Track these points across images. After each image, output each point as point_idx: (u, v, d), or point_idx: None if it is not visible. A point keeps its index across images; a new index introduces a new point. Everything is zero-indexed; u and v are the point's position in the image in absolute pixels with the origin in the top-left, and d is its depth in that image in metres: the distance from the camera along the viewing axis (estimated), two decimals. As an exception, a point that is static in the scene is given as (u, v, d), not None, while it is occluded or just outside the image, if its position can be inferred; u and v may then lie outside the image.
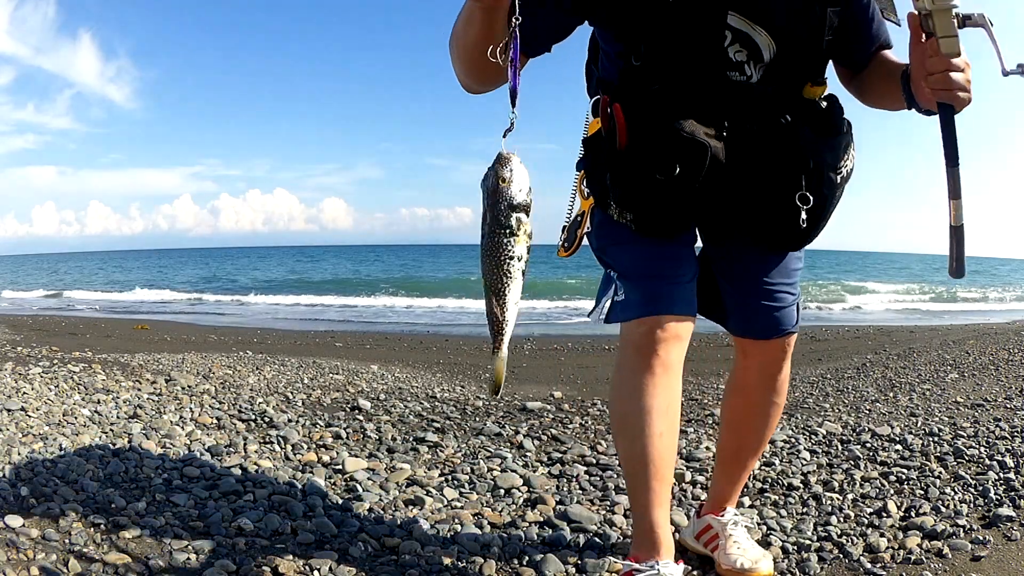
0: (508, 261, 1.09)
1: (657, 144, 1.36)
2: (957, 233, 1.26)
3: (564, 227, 1.61)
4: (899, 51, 1.43)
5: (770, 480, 2.34)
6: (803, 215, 1.41)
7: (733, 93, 1.38)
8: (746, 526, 1.76)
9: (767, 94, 1.40)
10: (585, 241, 1.57)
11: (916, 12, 1.19)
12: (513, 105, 1.12)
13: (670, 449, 1.42)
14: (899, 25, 1.24)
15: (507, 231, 1.07)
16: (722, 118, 1.38)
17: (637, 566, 1.39)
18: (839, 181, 1.44)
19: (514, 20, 1.08)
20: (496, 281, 1.11)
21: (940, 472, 2.30)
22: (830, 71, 1.49)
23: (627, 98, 1.39)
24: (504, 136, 1.12)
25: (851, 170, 1.46)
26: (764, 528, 1.92)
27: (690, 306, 1.46)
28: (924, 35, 1.19)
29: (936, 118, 1.25)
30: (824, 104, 1.46)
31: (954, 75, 1.17)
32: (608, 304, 1.50)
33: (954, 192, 1.25)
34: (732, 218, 1.49)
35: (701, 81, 1.37)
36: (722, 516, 1.70)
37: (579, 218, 1.57)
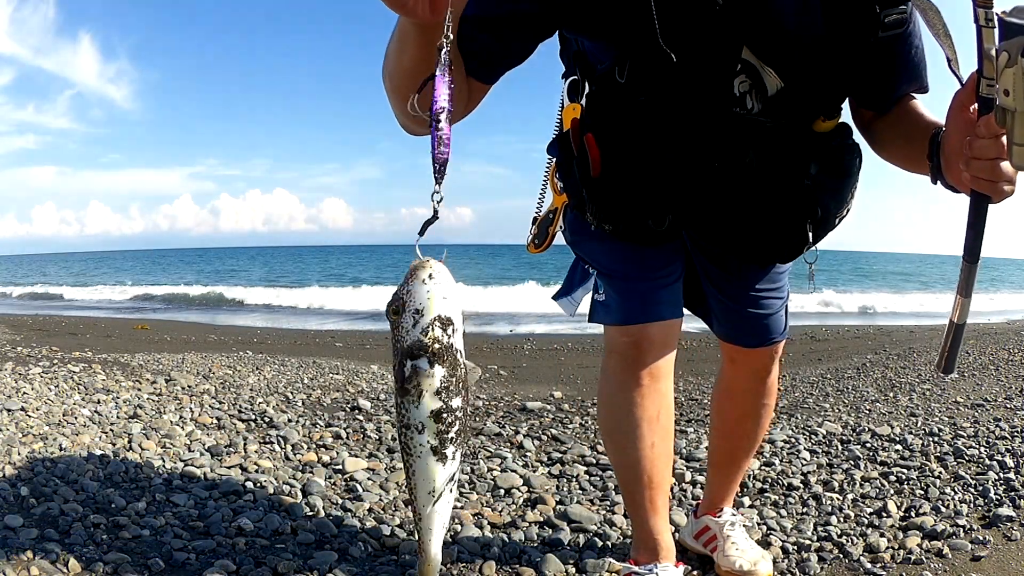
0: (405, 431, 0.78)
1: (639, 185, 1.22)
2: (957, 331, 1.12)
3: (535, 219, 1.53)
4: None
5: (770, 480, 2.34)
6: (809, 267, 1.39)
7: (730, 125, 1.21)
8: (744, 525, 1.75)
9: (769, 127, 1.23)
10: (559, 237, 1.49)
11: (991, 97, 0.93)
12: (439, 178, 0.77)
13: (664, 457, 1.39)
14: (961, 82, 1.02)
15: (399, 387, 0.76)
16: (714, 146, 1.22)
17: (636, 569, 1.39)
18: (837, 223, 1.34)
19: (442, 40, 0.77)
20: (403, 457, 0.80)
21: (940, 472, 2.30)
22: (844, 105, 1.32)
23: (605, 112, 1.22)
24: (421, 232, 0.77)
25: (851, 208, 1.35)
26: (764, 528, 1.91)
27: (677, 307, 1.40)
28: (979, 111, 0.96)
29: (957, 194, 1.07)
30: (835, 140, 1.29)
31: (1004, 165, 0.95)
32: (588, 301, 1.45)
33: (965, 289, 1.09)
34: (725, 242, 1.39)
35: (697, 111, 1.19)
36: (719, 517, 1.70)
37: (551, 215, 1.48)
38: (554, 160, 1.43)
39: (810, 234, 1.30)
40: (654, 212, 1.26)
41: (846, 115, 1.33)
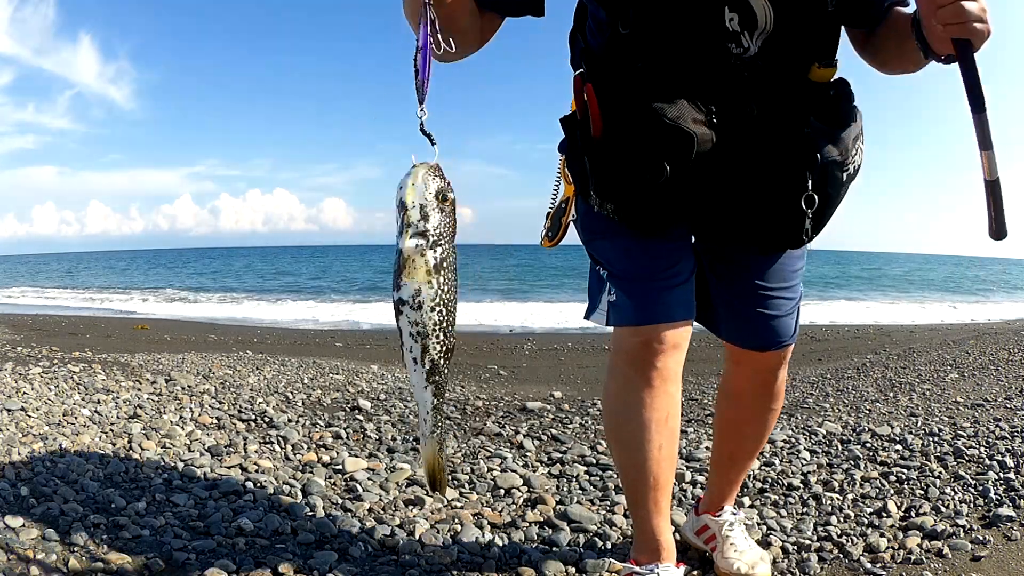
0: (395, 309, 0.92)
1: (637, 135, 1.23)
2: (993, 189, 1.08)
3: (548, 214, 1.53)
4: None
5: (770, 480, 2.34)
6: (808, 222, 1.29)
7: (730, 70, 1.24)
8: (745, 524, 1.74)
9: (767, 72, 1.25)
10: (572, 230, 1.49)
11: None
12: (421, 100, 0.94)
13: (669, 459, 1.39)
14: None
15: (397, 269, 0.91)
16: (716, 98, 1.24)
17: (637, 569, 1.39)
18: (845, 179, 1.30)
19: None
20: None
21: (940, 472, 2.30)
22: (844, 52, 1.34)
23: (606, 75, 1.26)
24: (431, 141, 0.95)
25: (859, 166, 1.31)
26: (764, 528, 1.91)
27: (687, 309, 1.37)
28: None
29: (952, 67, 1.09)
30: (833, 91, 1.31)
31: (966, 4, 1.03)
32: (606, 305, 1.43)
33: (984, 142, 1.08)
34: (727, 215, 1.36)
35: (696, 54, 1.23)
36: (719, 516, 1.69)
37: (563, 205, 1.48)
38: (564, 154, 1.44)
39: (809, 183, 1.26)
40: (653, 167, 1.23)
41: (844, 72, 1.34)
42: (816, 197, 1.27)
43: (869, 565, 1.65)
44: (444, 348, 0.95)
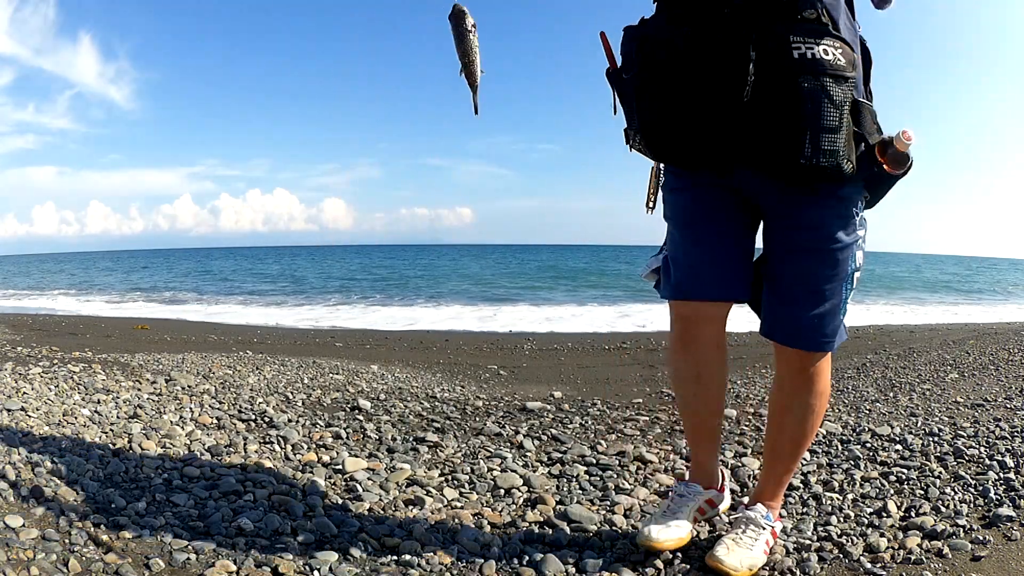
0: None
1: (627, 55, 1.53)
2: None
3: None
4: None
5: (770, 480, 2.34)
6: (748, 87, 1.33)
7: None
8: (772, 534, 1.71)
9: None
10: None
11: None
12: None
13: (704, 404, 1.71)
14: None
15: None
16: (692, 20, 1.42)
17: (670, 484, 1.73)
18: (797, 58, 1.29)
19: None
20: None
21: (940, 472, 2.30)
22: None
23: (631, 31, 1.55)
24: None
25: (832, 63, 1.30)
26: (764, 528, 1.91)
27: (719, 290, 1.58)
28: None
29: None
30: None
31: None
32: (659, 274, 1.70)
33: None
34: (732, 132, 1.42)
35: None
36: (749, 510, 1.72)
37: (651, 172, 1.71)
38: None
39: (752, 53, 1.34)
40: (635, 67, 1.51)
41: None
42: (756, 57, 1.34)
43: (869, 565, 1.65)
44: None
